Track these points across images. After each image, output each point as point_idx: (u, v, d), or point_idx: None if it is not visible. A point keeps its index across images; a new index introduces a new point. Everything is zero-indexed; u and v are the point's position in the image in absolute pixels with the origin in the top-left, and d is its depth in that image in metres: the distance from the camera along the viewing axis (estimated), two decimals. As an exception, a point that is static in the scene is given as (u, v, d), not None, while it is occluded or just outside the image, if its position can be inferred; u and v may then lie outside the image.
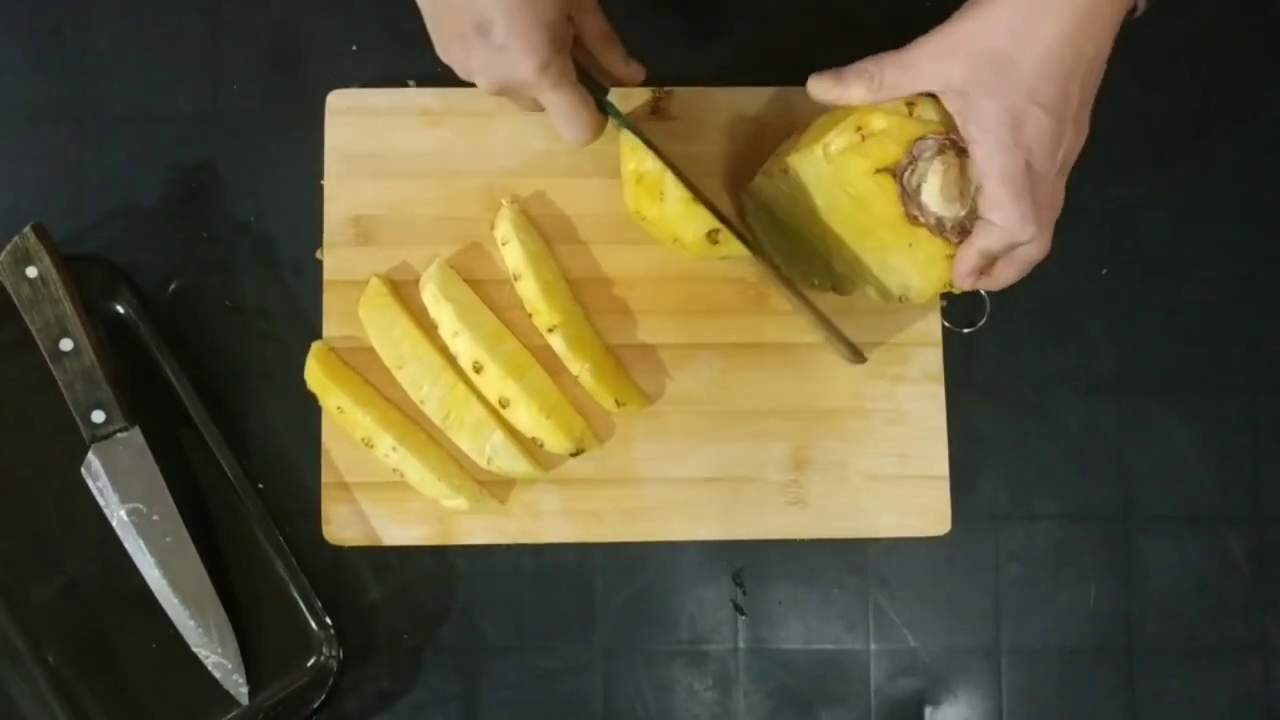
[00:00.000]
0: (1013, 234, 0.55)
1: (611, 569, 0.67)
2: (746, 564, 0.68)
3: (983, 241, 0.56)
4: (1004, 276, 0.58)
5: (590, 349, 0.65)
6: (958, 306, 0.69)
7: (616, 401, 0.65)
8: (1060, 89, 0.52)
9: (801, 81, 0.68)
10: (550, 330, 0.65)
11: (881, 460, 0.68)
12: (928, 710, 0.67)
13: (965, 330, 0.69)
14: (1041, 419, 0.69)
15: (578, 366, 0.65)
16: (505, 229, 0.66)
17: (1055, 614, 0.67)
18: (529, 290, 0.65)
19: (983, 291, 0.68)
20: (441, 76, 0.70)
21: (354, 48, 0.71)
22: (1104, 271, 0.70)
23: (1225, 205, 0.71)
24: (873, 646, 0.67)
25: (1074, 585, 0.68)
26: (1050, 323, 0.69)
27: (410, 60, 0.70)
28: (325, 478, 0.66)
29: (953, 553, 0.68)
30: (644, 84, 0.69)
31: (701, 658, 0.67)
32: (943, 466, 0.67)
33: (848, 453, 0.68)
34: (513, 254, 0.65)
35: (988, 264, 0.57)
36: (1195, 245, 0.70)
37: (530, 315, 0.66)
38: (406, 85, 0.70)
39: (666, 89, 0.69)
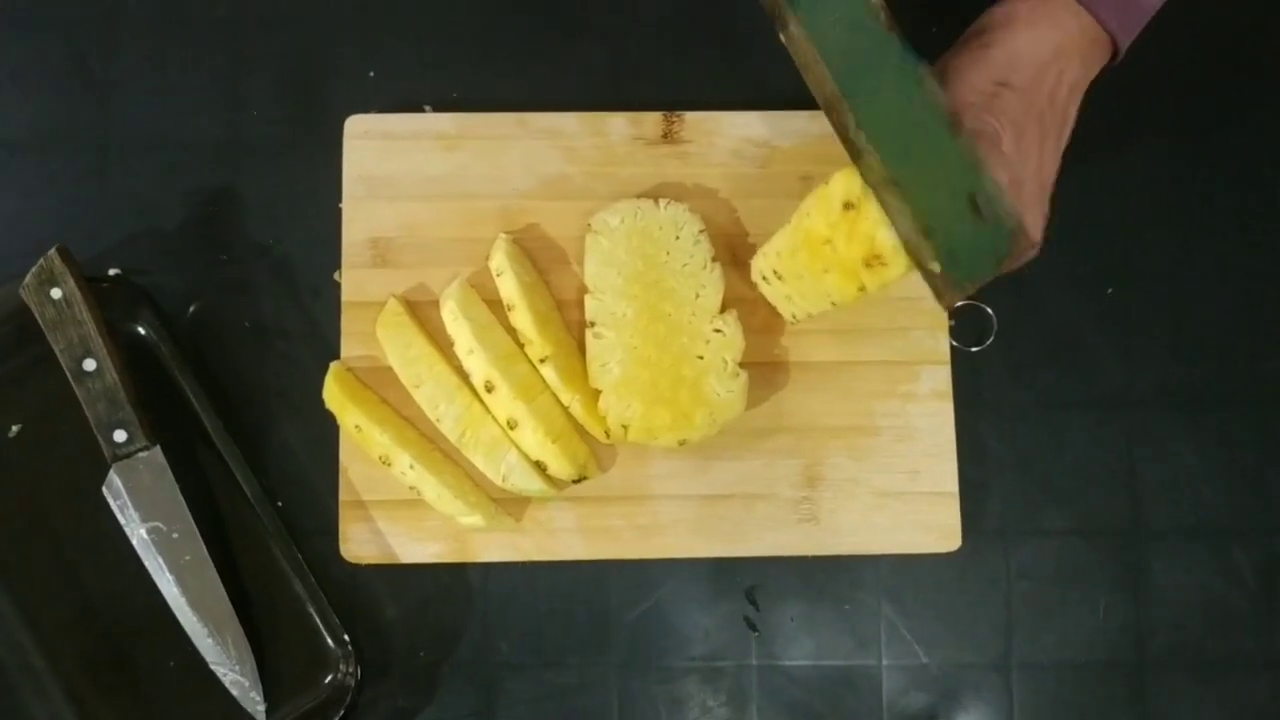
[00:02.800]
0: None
1: (625, 586, 0.68)
2: (759, 581, 0.68)
3: None
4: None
5: (581, 380, 0.66)
6: (966, 325, 0.70)
7: (607, 433, 0.65)
8: (1030, 78, 0.56)
9: (807, 106, 0.70)
10: (542, 361, 0.65)
11: (892, 477, 0.68)
12: (940, 726, 0.67)
13: (974, 349, 0.70)
14: (1050, 436, 0.70)
15: (568, 397, 0.66)
16: (499, 260, 0.67)
17: (1065, 629, 0.68)
18: (522, 321, 0.66)
19: (989, 310, 0.69)
20: (457, 101, 0.72)
21: (371, 74, 0.72)
22: (1110, 290, 0.71)
23: (1228, 224, 0.72)
24: (885, 662, 0.68)
25: (1083, 600, 0.68)
26: (1058, 341, 0.70)
27: (426, 86, 0.72)
28: (343, 495, 0.67)
29: (963, 569, 0.68)
30: (654, 109, 0.70)
31: (715, 674, 0.68)
32: (952, 483, 0.68)
33: (859, 470, 0.68)
34: (507, 285, 0.66)
35: None
36: (1200, 263, 0.71)
37: (523, 346, 0.67)
38: (423, 110, 0.71)
39: (677, 114, 0.70)
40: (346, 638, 0.64)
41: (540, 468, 0.65)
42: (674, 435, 0.64)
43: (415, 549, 0.67)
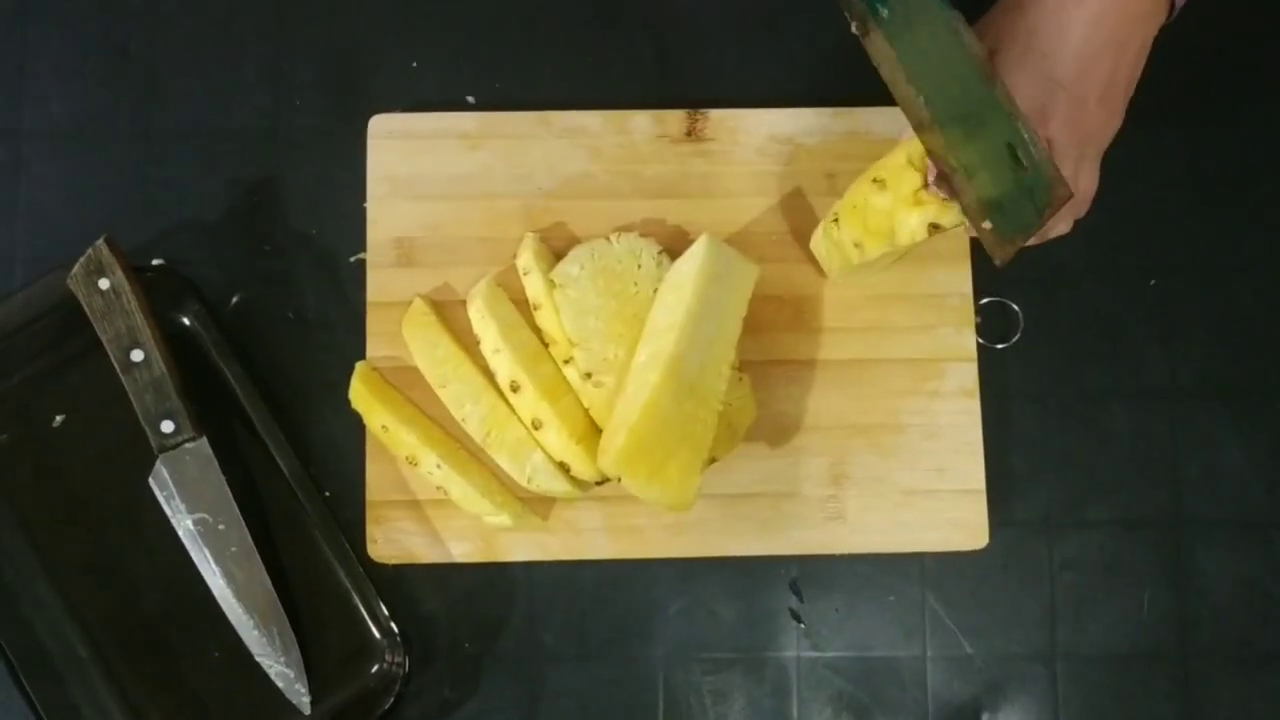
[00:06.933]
0: None
1: (668, 578, 0.68)
2: (803, 572, 0.68)
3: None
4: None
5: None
6: (991, 323, 0.70)
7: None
8: (1082, 69, 0.55)
9: (832, 103, 0.70)
10: (567, 362, 0.65)
11: (919, 475, 0.68)
12: (984, 717, 0.67)
13: (999, 346, 0.70)
14: (1093, 428, 0.70)
15: (589, 399, 0.65)
16: (527, 259, 0.67)
17: (1109, 620, 0.68)
18: (547, 321, 0.66)
19: (1015, 306, 0.69)
20: (499, 93, 0.71)
21: (414, 64, 0.72)
22: (1152, 282, 0.71)
23: (1272, 213, 0.72)
24: (929, 653, 0.68)
25: (1127, 592, 0.68)
26: (1101, 332, 0.70)
27: (469, 77, 0.72)
28: (370, 496, 0.67)
29: (1007, 560, 0.68)
30: (678, 107, 0.70)
31: (759, 665, 0.68)
32: (979, 480, 0.68)
33: (885, 468, 0.68)
34: (533, 284, 0.66)
35: None
36: (1242, 254, 0.71)
37: (548, 345, 0.67)
38: (466, 101, 0.71)
39: (701, 111, 0.70)
40: (394, 627, 0.64)
41: (564, 469, 0.65)
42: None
43: (442, 549, 0.67)
